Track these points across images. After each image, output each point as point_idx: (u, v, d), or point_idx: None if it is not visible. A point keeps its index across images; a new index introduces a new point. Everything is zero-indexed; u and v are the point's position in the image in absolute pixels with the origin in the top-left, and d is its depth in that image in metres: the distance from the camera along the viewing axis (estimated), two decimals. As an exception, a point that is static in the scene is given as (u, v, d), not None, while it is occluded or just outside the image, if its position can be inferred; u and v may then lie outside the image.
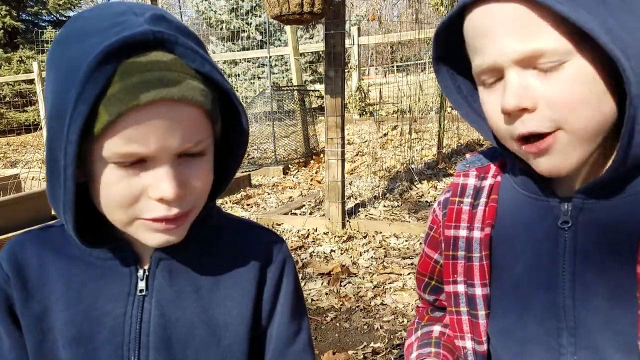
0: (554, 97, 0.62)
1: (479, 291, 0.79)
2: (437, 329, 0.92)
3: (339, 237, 3.70)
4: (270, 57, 7.64)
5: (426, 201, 4.29)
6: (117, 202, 0.62)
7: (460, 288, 0.81)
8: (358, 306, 2.74)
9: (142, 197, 0.62)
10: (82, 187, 0.66)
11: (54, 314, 0.70)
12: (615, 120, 0.64)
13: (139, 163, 0.60)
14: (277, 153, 6.22)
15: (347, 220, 3.82)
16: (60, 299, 0.70)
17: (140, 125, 0.57)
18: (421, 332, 0.93)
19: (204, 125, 0.63)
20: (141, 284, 0.71)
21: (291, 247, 3.55)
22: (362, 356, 2.29)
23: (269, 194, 5.13)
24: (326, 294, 2.89)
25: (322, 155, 6.06)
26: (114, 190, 0.61)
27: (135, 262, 0.72)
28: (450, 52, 0.75)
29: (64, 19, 16.68)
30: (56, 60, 0.61)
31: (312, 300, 2.83)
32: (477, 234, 0.79)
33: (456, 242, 0.81)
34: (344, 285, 2.98)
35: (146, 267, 0.73)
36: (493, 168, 0.82)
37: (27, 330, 0.71)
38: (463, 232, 0.80)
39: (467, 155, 0.87)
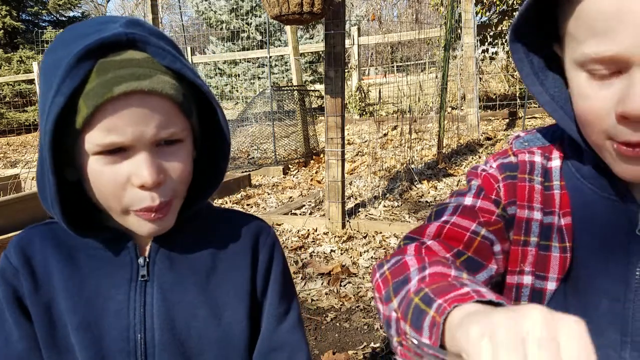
0: None
1: (551, 285, 0.70)
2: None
3: (339, 237, 3.70)
4: (270, 57, 7.63)
5: (426, 201, 4.29)
6: (107, 190, 0.68)
7: (527, 279, 0.71)
8: (358, 306, 2.73)
9: (128, 186, 0.68)
10: (79, 187, 0.72)
11: (61, 302, 0.75)
12: None
13: (119, 152, 0.66)
14: (277, 153, 6.22)
15: (347, 220, 3.82)
16: (64, 289, 0.75)
17: (115, 116, 0.64)
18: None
19: (177, 117, 0.69)
20: (142, 271, 0.76)
21: (291, 247, 3.55)
22: (362, 356, 2.29)
23: (269, 194, 5.12)
24: (326, 294, 2.89)
25: (322, 155, 6.06)
26: (101, 179, 0.67)
27: (136, 250, 0.77)
28: (528, 22, 0.66)
29: (64, 19, 16.68)
30: (44, 66, 0.68)
31: (312, 300, 2.83)
32: (555, 220, 0.70)
33: (529, 225, 0.71)
34: (344, 285, 2.98)
35: (146, 254, 0.78)
36: (557, 150, 0.73)
37: (37, 318, 0.75)
38: (537, 215, 0.71)
39: (521, 134, 0.79)
